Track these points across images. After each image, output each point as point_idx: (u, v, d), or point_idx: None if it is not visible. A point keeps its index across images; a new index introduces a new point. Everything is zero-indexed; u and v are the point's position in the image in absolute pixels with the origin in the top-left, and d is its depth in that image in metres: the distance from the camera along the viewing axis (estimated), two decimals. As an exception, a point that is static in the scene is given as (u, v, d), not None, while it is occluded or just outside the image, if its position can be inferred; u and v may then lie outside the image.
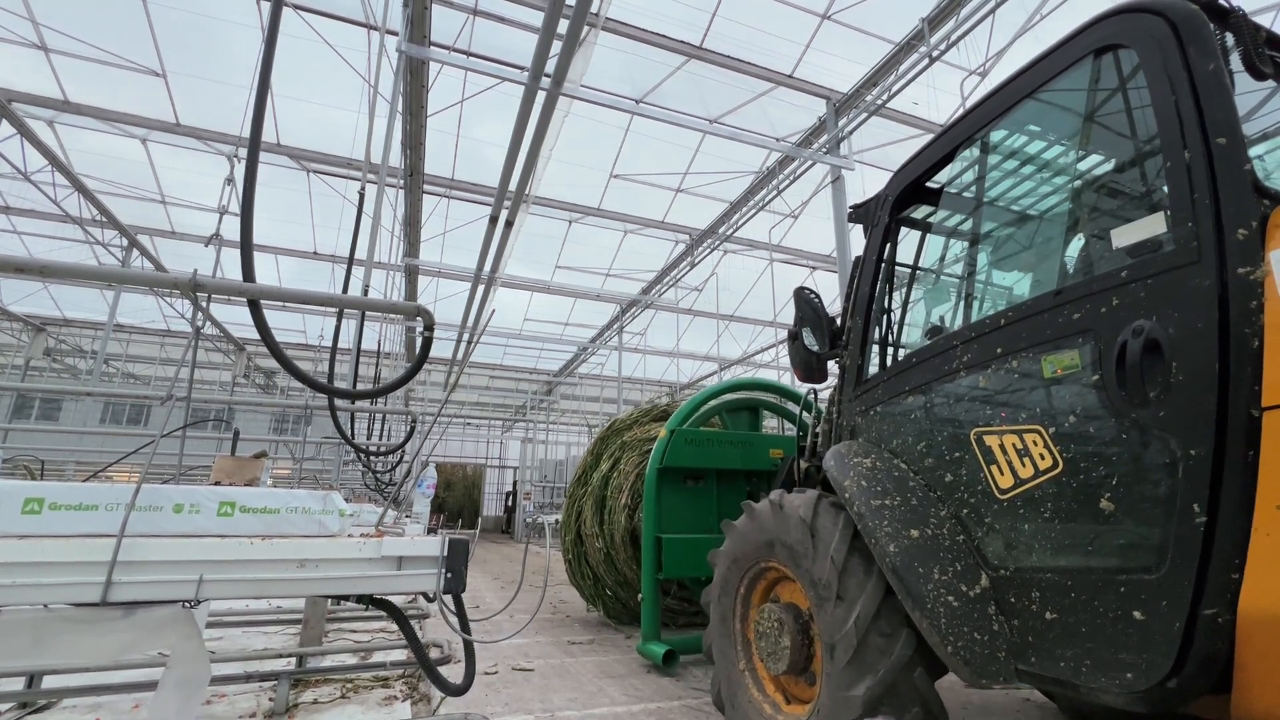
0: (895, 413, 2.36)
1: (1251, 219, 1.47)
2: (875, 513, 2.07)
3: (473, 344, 2.67)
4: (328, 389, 3.24)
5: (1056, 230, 2.17)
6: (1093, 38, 1.93)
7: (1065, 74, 2.01)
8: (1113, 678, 1.55)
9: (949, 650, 1.82)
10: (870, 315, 2.64)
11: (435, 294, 13.74)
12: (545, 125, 5.64)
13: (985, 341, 2.00)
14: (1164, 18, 1.72)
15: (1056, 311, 1.80)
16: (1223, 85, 1.59)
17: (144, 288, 10.27)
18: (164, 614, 1.70)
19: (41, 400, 23.11)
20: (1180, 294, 1.52)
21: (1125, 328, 1.60)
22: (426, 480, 11.58)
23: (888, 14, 7.78)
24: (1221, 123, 1.55)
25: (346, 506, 2.31)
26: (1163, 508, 1.50)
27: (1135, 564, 1.54)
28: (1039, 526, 1.77)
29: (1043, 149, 2.25)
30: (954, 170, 2.49)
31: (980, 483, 1.95)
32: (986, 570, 1.92)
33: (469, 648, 2.25)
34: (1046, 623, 1.72)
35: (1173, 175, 1.62)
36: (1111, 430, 1.63)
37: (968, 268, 2.43)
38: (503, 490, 31.58)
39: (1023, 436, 1.84)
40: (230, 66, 8.32)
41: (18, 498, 1.74)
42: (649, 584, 4.12)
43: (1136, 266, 1.64)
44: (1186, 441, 1.46)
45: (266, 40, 2.28)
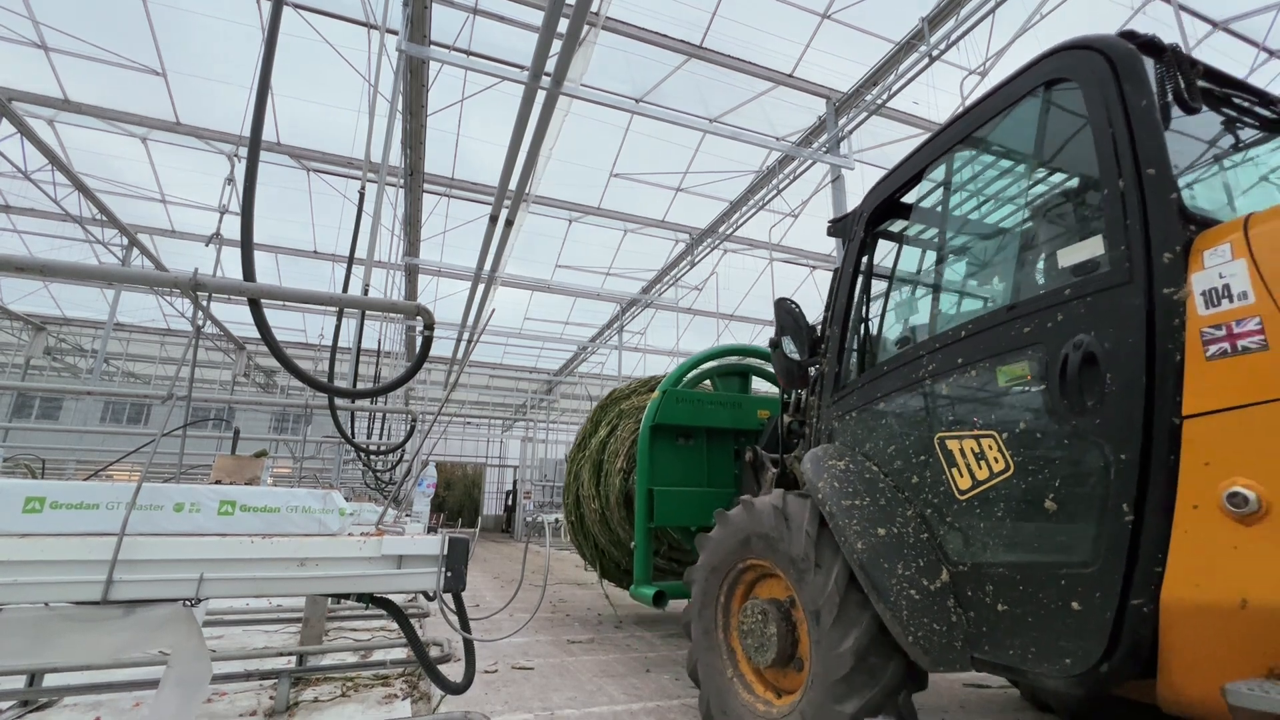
0: (868, 418, 2.50)
1: (1177, 244, 1.61)
2: (845, 512, 2.19)
3: (473, 343, 2.68)
4: (328, 388, 3.25)
5: (1011, 248, 2.32)
6: (1043, 71, 2.07)
7: (1019, 104, 2.15)
8: (1053, 663, 1.68)
9: (909, 640, 1.93)
10: (847, 324, 2.79)
11: (435, 293, 13.75)
12: (545, 125, 5.65)
13: (948, 352, 2.15)
14: (1103, 55, 1.86)
15: (1010, 325, 1.94)
16: (1153, 120, 1.73)
17: (144, 287, 10.28)
18: (164, 612, 1.70)
19: (42, 399, 23.13)
20: (1114, 311, 1.67)
21: (1067, 341, 1.74)
22: (426, 479, 11.60)
23: (888, 13, 7.78)
24: (1152, 154, 1.70)
25: (347, 505, 2.31)
26: (1097, 507, 1.63)
27: (1074, 559, 1.68)
28: (993, 525, 1.91)
29: (1000, 173, 2.41)
30: (922, 190, 2.64)
31: (943, 484, 2.09)
32: (947, 566, 2.04)
33: (469, 646, 2.26)
34: (998, 614, 1.86)
35: (1109, 201, 1.76)
36: (1055, 436, 1.77)
37: (934, 281, 2.58)
38: (503, 489, 31.60)
39: (979, 441, 1.98)
40: (230, 66, 8.32)
41: (19, 496, 1.75)
42: (642, 532, 4.31)
43: (1078, 285, 1.78)
44: (1117, 447, 1.60)
45: (266, 40, 2.29)
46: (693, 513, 4.28)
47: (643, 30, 7.94)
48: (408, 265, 11.69)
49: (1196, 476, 1.48)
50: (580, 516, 5.73)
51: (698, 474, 4.57)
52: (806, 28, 8.08)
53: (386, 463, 12.04)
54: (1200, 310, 1.54)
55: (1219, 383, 1.48)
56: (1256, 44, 8.45)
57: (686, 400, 4.53)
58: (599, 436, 5.61)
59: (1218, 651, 1.42)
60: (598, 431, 5.70)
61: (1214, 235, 1.59)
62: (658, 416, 4.41)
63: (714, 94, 9.03)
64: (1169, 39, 1.95)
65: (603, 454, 5.46)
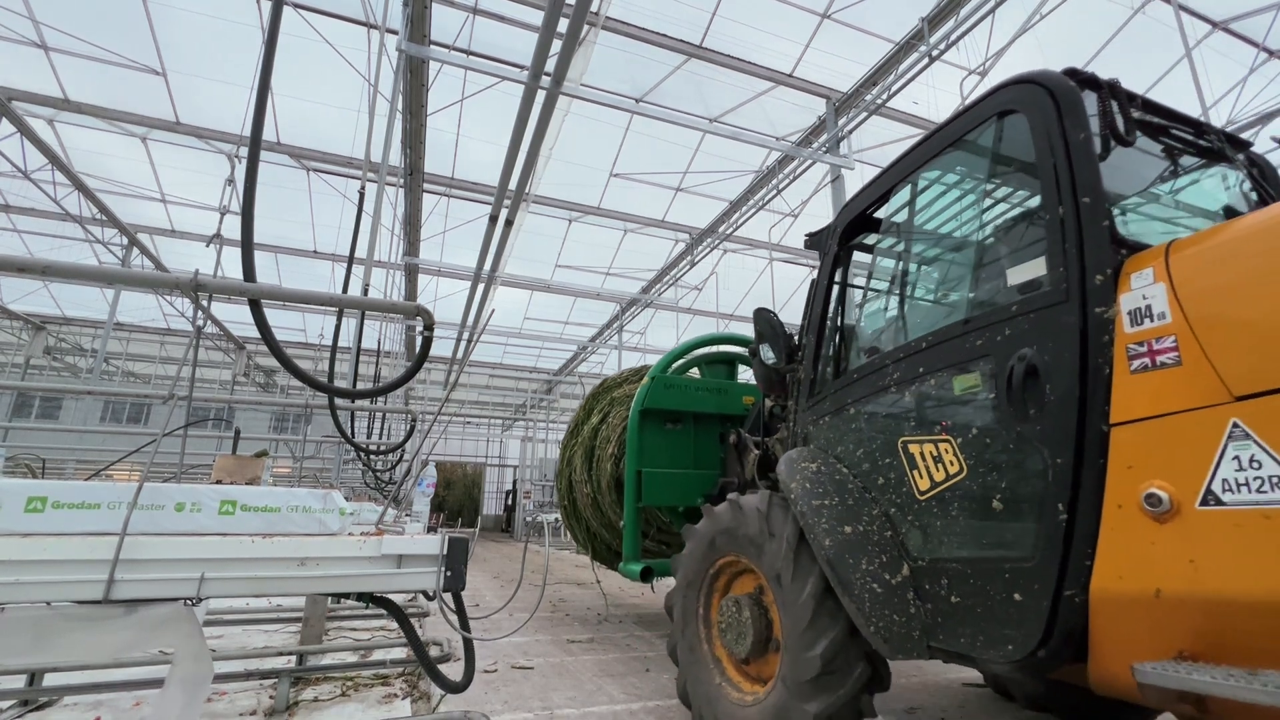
0: (840, 422, 2.64)
1: (1108, 266, 1.77)
2: (815, 511, 2.33)
3: (473, 343, 2.68)
4: (328, 388, 3.25)
5: (967, 266, 2.46)
6: (996, 102, 2.22)
7: (976, 130, 2.31)
8: (998, 650, 1.83)
9: (871, 630, 2.08)
10: (822, 333, 2.94)
11: (435, 293, 13.74)
12: (545, 124, 5.65)
13: (911, 361, 2.30)
14: (1047, 90, 2.03)
15: (964, 338, 2.09)
16: (1090, 152, 1.89)
17: (144, 287, 10.29)
18: (165, 612, 1.71)
19: (42, 399, 23.13)
20: (1052, 328, 1.82)
21: (1013, 354, 1.89)
22: (426, 479, 11.61)
23: (888, 13, 7.78)
24: (1087, 184, 1.85)
25: (347, 505, 2.32)
26: (1036, 507, 1.78)
27: (1016, 554, 1.83)
28: (948, 523, 2.06)
29: (959, 194, 2.56)
30: (889, 208, 2.80)
31: (905, 485, 2.23)
32: (908, 561, 2.19)
33: (469, 646, 2.26)
34: (952, 605, 2.00)
35: (1050, 226, 1.92)
36: (1002, 441, 1.92)
37: (900, 294, 2.74)
38: (502, 489, 31.60)
39: (937, 445, 2.13)
40: (230, 66, 8.32)
41: (21, 496, 1.75)
42: (631, 512, 4.46)
43: (1023, 302, 1.94)
44: (1054, 451, 1.75)
45: (266, 40, 2.29)
46: (679, 493, 4.47)
47: (643, 30, 7.94)
48: (408, 265, 11.69)
49: (1121, 479, 1.62)
50: (573, 501, 5.88)
51: (684, 456, 4.71)
52: (806, 28, 8.08)
53: (386, 462, 12.05)
54: (1126, 328, 1.69)
55: (1140, 394, 1.63)
56: (1256, 44, 8.45)
57: (674, 386, 4.69)
58: (591, 423, 5.73)
59: (1137, 637, 1.56)
60: (590, 419, 5.82)
61: (1141, 260, 1.74)
62: (646, 401, 4.56)
63: (714, 94, 9.03)
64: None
65: (594, 440, 5.58)
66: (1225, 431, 1.46)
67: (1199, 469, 1.48)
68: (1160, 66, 8.80)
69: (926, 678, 3.98)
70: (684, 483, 4.50)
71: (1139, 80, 9.08)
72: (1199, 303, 1.57)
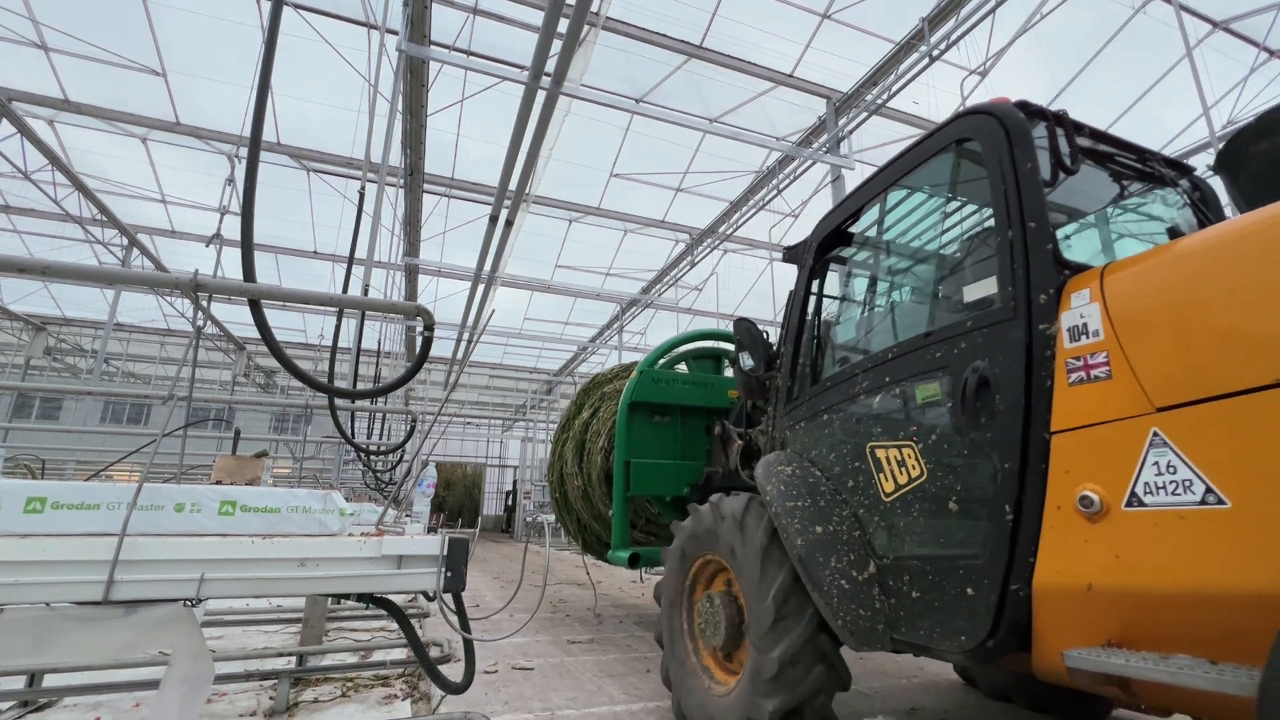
0: (814, 428, 2.77)
1: (1051, 286, 1.91)
2: (788, 512, 2.46)
3: (473, 344, 2.68)
4: (328, 388, 3.25)
5: (929, 282, 2.60)
6: (955, 130, 2.36)
7: (937, 156, 2.46)
8: (953, 641, 1.96)
9: (839, 623, 2.21)
10: (799, 342, 3.07)
11: (435, 293, 13.73)
12: (545, 125, 5.65)
13: (878, 371, 2.44)
14: (999, 121, 2.16)
15: (925, 350, 2.23)
16: (1036, 181, 2.02)
17: (144, 287, 10.29)
18: (165, 612, 1.70)
19: (42, 399, 23.13)
20: (1002, 342, 1.96)
21: (968, 366, 2.03)
22: (426, 479, 11.60)
23: (888, 13, 7.77)
24: (1034, 210, 1.99)
25: (347, 506, 2.31)
26: (987, 508, 1.92)
27: (969, 553, 1.96)
28: (910, 523, 2.19)
29: (922, 215, 2.70)
30: (860, 225, 2.95)
31: (872, 488, 2.37)
32: (874, 559, 2.32)
33: (469, 646, 2.26)
34: (913, 600, 2.13)
35: (1001, 247, 2.06)
36: (958, 447, 2.05)
37: (869, 307, 2.88)
38: (503, 489, 31.58)
39: (901, 450, 2.26)
40: (230, 66, 8.32)
41: (20, 497, 1.75)
42: (619, 502, 4.58)
43: (976, 318, 2.07)
44: (1002, 457, 1.88)
45: (266, 40, 2.29)
46: (666, 483, 4.58)
47: (643, 30, 7.94)
48: (408, 265, 11.69)
49: (1060, 482, 1.76)
50: (564, 493, 5.97)
51: (672, 448, 4.82)
52: (806, 28, 8.08)
53: (386, 463, 12.04)
54: (1066, 344, 1.83)
55: (1076, 405, 1.77)
56: (1257, 44, 8.45)
57: (662, 380, 4.81)
58: (582, 418, 5.84)
59: (1072, 627, 1.70)
60: (581, 413, 5.92)
61: (1080, 280, 1.88)
62: (635, 394, 4.68)
63: (714, 94, 9.03)
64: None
65: (585, 434, 5.69)
66: (1147, 439, 1.59)
67: (1125, 473, 1.61)
68: (1160, 66, 8.80)
69: (927, 678, 3.98)
70: (671, 473, 4.61)
71: (1139, 80, 9.09)
72: (1127, 322, 1.71)
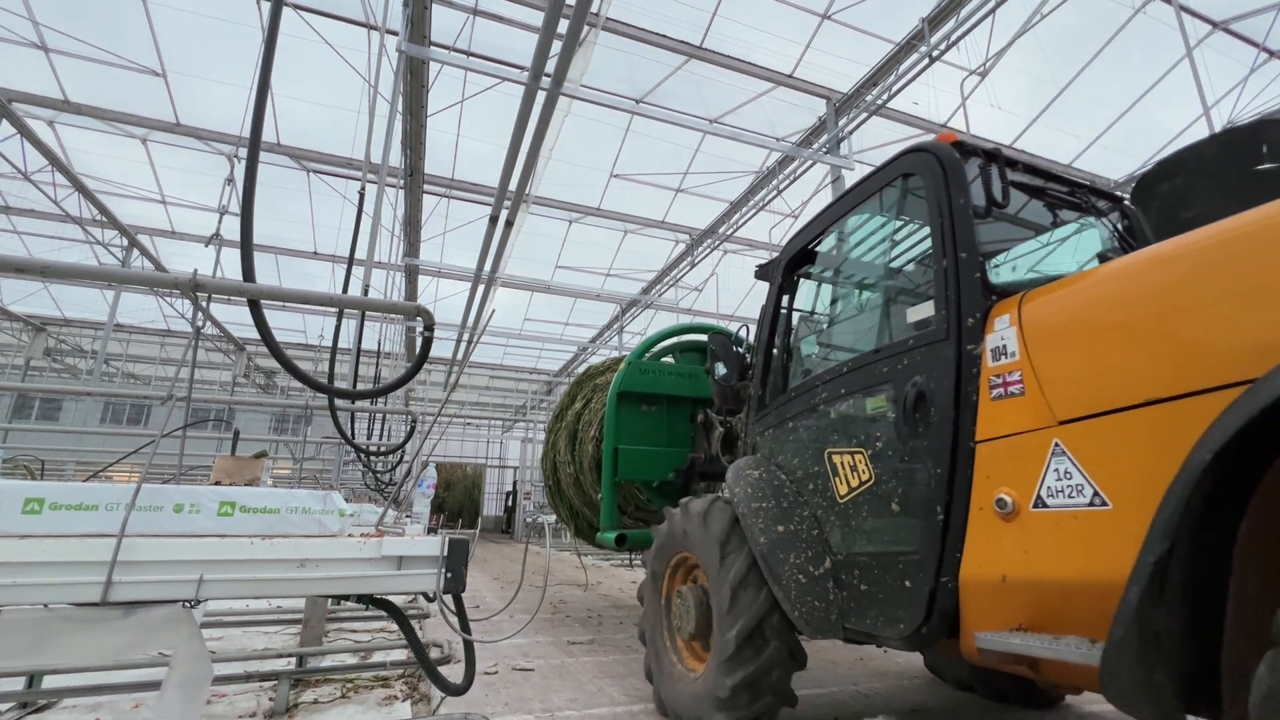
0: (780, 434, 2.98)
1: (978, 311, 2.10)
2: (753, 513, 2.67)
3: (473, 344, 2.68)
4: (328, 389, 3.24)
5: (880, 303, 2.81)
6: (900, 165, 2.58)
7: (886, 189, 2.69)
8: (893, 628, 2.16)
9: (795, 614, 2.42)
10: (768, 355, 3.28)
11: (435, 294, 13.72)
12: (545, 125, 5.64)
13: (835, 383, 2.65)
14: (937, 158, 2.37)
15: (874, 365, 2.44)
16: (968, 214, 2.22)
17: (144, 288, 10.28)
18: (164, 614, 1.70)
19: (42, 400, 23.11)
20: (937, 360, 2.16)
21: (908, 381, 2.23)
22: (426, 480, 11.58)
23: (888, 14, 7.77)
24: (965, 241, 2.20)
25: (347, 506, 2.31)
26: (923, 509, 2.12)
27: (907, 549, 2.16)
28: (860, 523, 2.41)
29: (874, 241, 2.93)
30: (822, 248, 3.19)
31: (829, 490, 2.58)
32: (830, 556, 2.54)
33: (469, 647, 2.25)
34: (862, 593, 2.35)
35: (938, 274, 2.25)
36: (900, 454, 2.26)
37: (829, 324, 3.13)
38: (503, 490, 31.55)
39: (854, 456, 2.47)
40: (230, 66, 8.32)
41: (18, 497, 1.74)
42: (608, 486, 4.78)
43: (916, 338, 2.28)
44: (936, 463, 2.08)
45: (266, 40, 2.28)
46: (653, 468, 4.77)
47: (643, 30, 7.93)
48: (408, 266, 11.68)
49: (982, 486, 1.96)
50: (557, 481, 6.20)
51: (659, 435, 5.01)
52: (806, 28, 8.07)
53: (386, 464, 12.03)
54: (989, 363, 2.03)
55: (996, 417, 1.97)
56: (1256, 44, 8.45)
57: (649, 371, 5.02)
58: (575, 408, 6.04)
59: (990, 614, 1.90)
60: (574, 403, 6.13)
61: (1003, 306, 2.07)
62: (623, 385, 4.86)
63: (714, 94, 9.02)
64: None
65: (578, 424, 5.90)
66: (1050, 449, 1.78)
67: (1032, 478, 1.81)
68: (1160, 67, 8.80)
69: (928, 678, 3.97)
70: (657, 459, 4.80)
71: (1139, 80, 9.09)
72: (1037, 344, 1.90)
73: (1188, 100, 7.81)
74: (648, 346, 5.35)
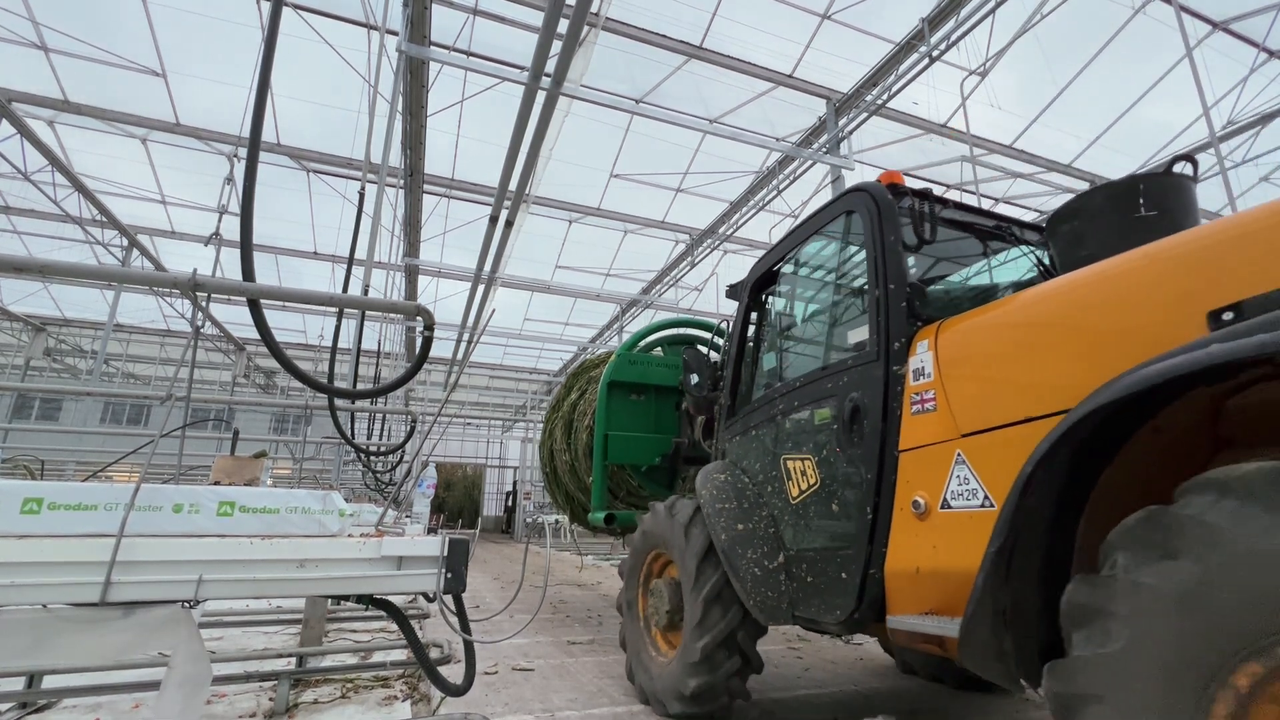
0: (746, 441, 3.28)
1: (904, 335, 2.39)
2: (717, 513, 2.96)
3: (473, 344, 2.68)
4: (328, 389, 3.24)
5: (826, 324, 3.11)
6: (843, 203, 2.89)
7: (831, 224, 3.02)
8: (832, 614, 2.43)
9: (751, 603, 2.69)
10: (737, 368, 3.62)
11: (435, 294, 13.72)
12: (545, 125, 5.64)
13: (790, 396, 2.95)
14: (872, 197, 2.69)
15: (821, 381, 2.74)
16: (898, 249, 2.53)
17: (144, 287, 10.27)
18: (163, 614, 1.69)
19: (41, 400, 23.10)
20: (870, 379, 2.44)
21: (847, 397, 2.53)
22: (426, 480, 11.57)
23: (888, 14, 7.77)
24: (895, 273, 2.50)
25: (346, 506, 2.30)
26: (857, 510, 2.39)
27: (844, 545, 2.45)
28: (808, 522, 2.69)
29: (824, 270, 3.25)
30: (782, 273, 3.49)
31: (784, 492, 2.85)
32: (783, 551, 2.81)
33: (469, 648, 2.25)
34: (808, 584, 2.62)
35: (871, 302, 2.55)
36: (840, 461, 2.54)
37: (788, 341, 3.43)
38: (503, 490, 31.54)
39: (804, 462, 2.75)
40: (230, 66, 8.31)
41: (17, 497, 1.74)
42: (599, 469, 5.07)
43: (854, 358, 2.58)
44: (867, 469, 2.36)
45: (266, 40, 2.28)
46: (641, 452, 5.06)
47: (643, 30, 7.93)
48: (408, 266, 11.68)
49: (903, 490, 2.23)
50: (554, 469, 6.51)
51: (646, 422, 5.29)
52: (806, 28, 8.07)
53: (386, 464, 12.02)
54: (911, 382, 2.30)
55: (916, 430, 2.23)
56: (1256, 44, 8.45)
57: (637, 362, 5.31)
58: (571, 399, 6.35)
59: (909, 601, 2.16)
60: (570, 395, 6.44)
61: (925, 332, 2.35)
62: (613, 374, 5.15)
63: (714, 94, 9.02)
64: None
65: (573, 414, 6.20)
66: (954, 458, 2.04)
67: (941, 483, 2.07)
68: (1160, 66, 8.80)
69: (928, 680, 3.97)
70: (644, 444, 5.09)
71: (1139, 80, 9.08)
72: (948, 367, 2.18)
73: (1188, 100, 7.80)
74: (636, 340, 5.60)
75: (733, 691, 2.90)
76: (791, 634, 5.52)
